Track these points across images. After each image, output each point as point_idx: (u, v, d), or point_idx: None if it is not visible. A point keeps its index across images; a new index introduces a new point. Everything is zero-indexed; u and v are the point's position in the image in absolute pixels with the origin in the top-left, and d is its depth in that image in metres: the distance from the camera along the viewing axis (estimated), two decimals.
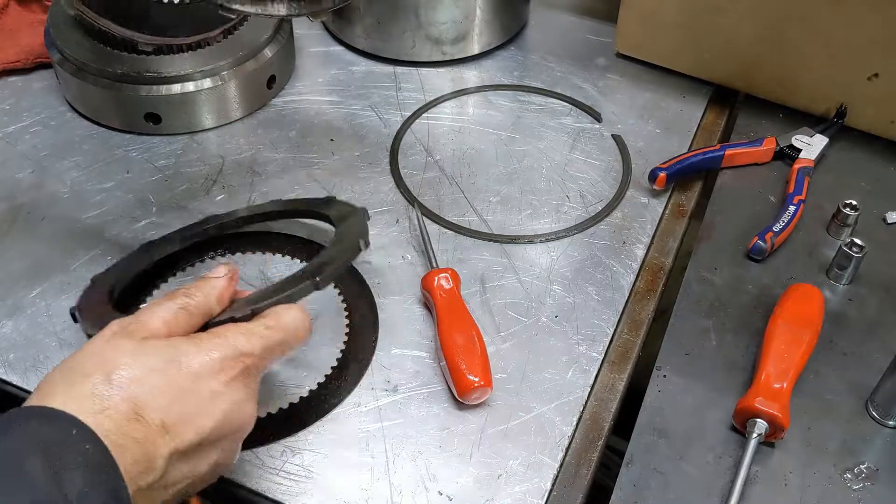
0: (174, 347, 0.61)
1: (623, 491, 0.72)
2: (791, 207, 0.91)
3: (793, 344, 0.77)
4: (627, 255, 0.91)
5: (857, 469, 0.73)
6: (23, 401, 0.58)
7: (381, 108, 1.06)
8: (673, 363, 0.80)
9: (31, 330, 0.82)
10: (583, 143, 1.03)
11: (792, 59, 1.00)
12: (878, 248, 0.89)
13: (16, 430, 0.54)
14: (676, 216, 0.96)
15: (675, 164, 0.96)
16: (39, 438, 0.53)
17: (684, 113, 1.07)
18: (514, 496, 0.72)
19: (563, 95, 1.08)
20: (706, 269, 0.89)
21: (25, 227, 0.91)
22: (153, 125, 1.00)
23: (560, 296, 0.86)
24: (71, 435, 0.54)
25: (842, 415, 0.77)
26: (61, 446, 0.53)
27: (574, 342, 0.82)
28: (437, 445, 0.74)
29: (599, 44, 1.15)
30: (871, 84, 0.97)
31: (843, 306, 0.85)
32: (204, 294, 0.65)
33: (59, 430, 0.54)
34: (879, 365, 0.77)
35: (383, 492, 0.71)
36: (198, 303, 0.64)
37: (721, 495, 0.71)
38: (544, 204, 0.95)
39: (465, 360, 0.76)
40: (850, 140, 1.01)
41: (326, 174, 0.98)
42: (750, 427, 0.73)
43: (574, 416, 0.77)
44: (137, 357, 0.59)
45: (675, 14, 1.04)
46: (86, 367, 0.59)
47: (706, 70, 1.08)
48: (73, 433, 0.54)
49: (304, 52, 1.13)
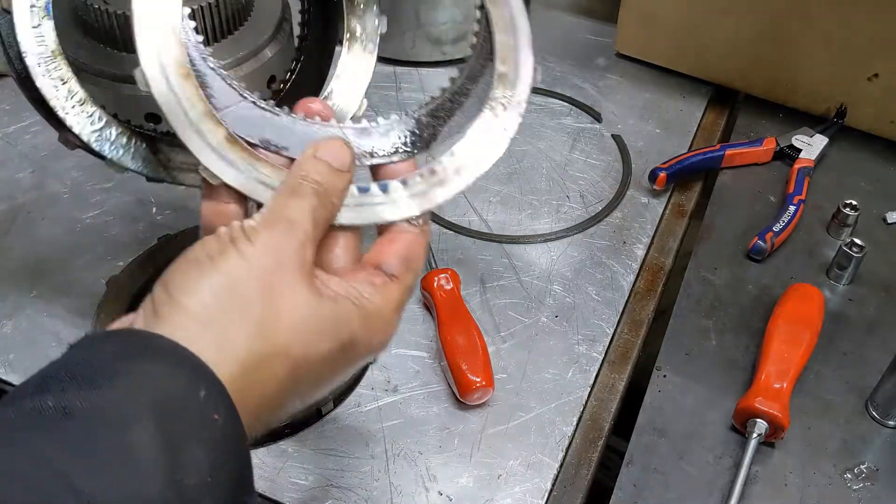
0: (353, 324, 0.48)
1: (623, 491, 0.72)
2: (791, 207, 0.91)
3: (793, 344, 0.77)
4: (627, 255, 0.91)
5: (857, 469, 0.73)
6: None
7: (381, 108, 1.06)
8: (673, 363, 0.80)
9: (31, 330, 0.82)
10: (583, 143, 1.03)
11: (792, 59, 1.00)
12: (878, 248, 0.89)
13: (124, 372, 0.41)
14: (676, 216, 0.96)
15: (675, 164, 0.96)
16: (155, 393, 0.40)
17: (684, 113, 1.07)
18: (514, 496, 0.72)
19: (563, 95, 1.08)
20: (706, 269, 0.89)
21: (25, 227, 0.91)
22: (153, 125, 1.00)
23: (560, 296, 0.86)
24: (198, 396, 0.41)
25: (842, 415, 0.77)
26: (182, 410, 0.40)
27: (574, 342, 0.82)
28: (438, 445, 0.74)
29: (599, 44, 1.15)
30: (871, 84, 0.97)
31: (843, 306, 0.85)
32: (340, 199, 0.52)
33: (183, 385, 0.41)
34: (879, 365, 0.77)
35: (383, 492, 0.71)
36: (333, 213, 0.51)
37: (721, 495, 0.71)
38: (544, 204, 0.95)
39: (467, 360, 0.76)
40: (850, 140, 1.01)
41: None
42: (750, 427, 0.73)
43: (574, 416, 0.77)
44: (315, 329, 0.47)
45: (675, 14, 1.04)
46: (250, 307, 0.45)
47: (706, 70, 1.08)
48: (200, 394, 0.41)
49: None
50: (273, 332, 0.45)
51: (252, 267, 0.46)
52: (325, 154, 0.51)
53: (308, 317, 0.47)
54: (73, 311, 0.82)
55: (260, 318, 0.45)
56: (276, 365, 0.45)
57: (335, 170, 0.51)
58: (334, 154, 0.51)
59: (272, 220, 0.48)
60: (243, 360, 0.44)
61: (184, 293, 0.44)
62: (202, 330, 0.44)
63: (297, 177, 0.50)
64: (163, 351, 0.42)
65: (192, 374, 0.42)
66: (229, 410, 0.42)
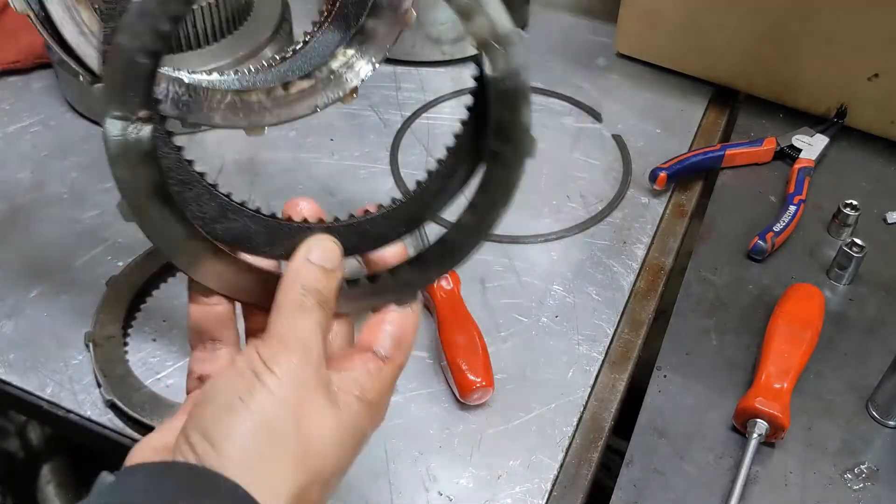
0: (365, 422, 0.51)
1: (623, 491, 0.72)
2: (791, 207, 0.91)
3: (793, 344, 0.77)
4: (627, 255, 0.91)
5: (857, 469, 0.73)
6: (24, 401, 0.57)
7: (381, 108, 1.06)
8: (673, 363, 0.80)
9: (31, 330, 0.82)
10: (583, 143, 1.03)
11: (792, 59, 1.00)
12: (878, 248, 0.88)
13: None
14: (677, 216, 0.96)
15: (675, 164, 0.96)
16: None
17: (684, 113, 1.07)
18: (514, 496, 0.71)
19: (563, 95, 1.08)
20: (706, 269, 0.89)
21: (25, 227, 0.91)
22: None
23: (560, 296, 0.86)
24: None
25: (842, 415, 0.77)
26: None
27: (574, 342, 0.82)
28: (438, 446, 0.74)
29: (599, 44, 1.15)
30: (871, 84, 0.97)
31: (843, 306, 0.85)
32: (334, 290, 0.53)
33: None
34: (879, 365, 0.77)
35: (383, 492, 0.71)
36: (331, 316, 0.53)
37: (721, 495, 0.71)
38: (544, 204, 0.95)
39: (467, 360, 0.76)
40: (850, 140, 1.01)
41: (326, 174, 0.97)
42: (750, 427, 0.73)
43: (574, 416, 0.77)
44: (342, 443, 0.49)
45: (675, 14, 1.04)
46: (288, 441, 0.47)
47: (706, 70, 1.08)
48: None
49: None
50: (310, 462, 0.47)
51: (281, 402, 0.47)
52: (316, 257, 0.52)
53: (334, 436, 0.49)
54: (73, 311, 0.82)
55: (296, 452, 0.47)
56: (315, 490, 0.48)
57: (328, 271, 0.52)
58: (325, 255, 0.53)
59: (288, 345, 0.49)
60: (288, 496, 0.46)
61: (224, 439, 0.46)
62: (248, 472, 0.45)
63: (297, 290, 0.51)
64: (224, 491, 0.44)
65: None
66: None
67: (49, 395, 0.76)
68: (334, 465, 0.49)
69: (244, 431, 0.46)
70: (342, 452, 0.50)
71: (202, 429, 0.46)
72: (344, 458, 0.50)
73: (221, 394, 0.48)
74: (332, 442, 0.49)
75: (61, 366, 0.78)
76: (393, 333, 0.54)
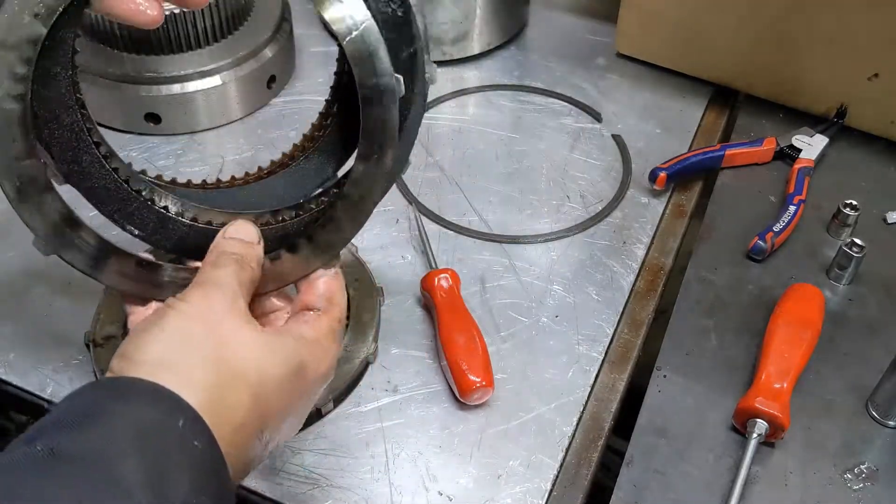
0: (300, 350, 0.54)
1: (623, 491, 0.72)
2: (791, 207, 0.91)
3: (793, 344, 0.77)
4: (627, 255, 0.91)
5: (857, 469, 0.73)
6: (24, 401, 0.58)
7: None
8: (673, 363, 0.80)
9: (31, 330, 0.82)
10: (583, 143, 1.03)
11: (792, 59, 1.00)
12: (878, 248, 0.88)
13: (107, 413, 0.44)
14: (676, 216, 0.96)
15: (675, 164, 0.96)
16: (138, 426, 0.43)
17: (684, 113, 1.07)
18: (514, 496, 0.71)
19: (563, 95, 1.08)
20: (706, 269, 0.89)
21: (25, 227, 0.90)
22: (153, 125, 1.00)
23: (560, 296, 0.86)
24: (177, 426, 0.44)
25: (842, 415, 0.77)
26: (165, 439, 0.44)
27: (574, 342, 0.82)
28: (438, 445, 0.74)
29: (599, 44, 1.15)
30: (871, 84, 0.97)
31: (843, 306, 0.85)
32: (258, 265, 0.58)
33: (163, 416, 0.44)
34: (879, 365, 0.77)
35: (383, 492, 0.71)
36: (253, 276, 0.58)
37: (721, 495, 0.71)
38: (544, 204, 0.95)
39: (467, 360, 0.76)
40: (850, 140, 1.01)
41: None
42: (750, 427, 0.73)
43: (574, 416, 0.77)
44: (266, 358, 0.52)
45: (675, 14, 1.04)
46: (200, 344, 0.50)
47: (706, 70, 1.08)
48: (179, 424, 0.44)
49: (304, 52, 1.13)
50: (226, 360, 0.50)
51: (192, 315, 0.51)
52: (234, 233, 0.59)
53: (256, 347, 0.52)
54: (73, 311, 0.82)
55: (212, 352, 0.49)
56: (238, 390, 0.49)
57: (247, 243, 0.58)
58: (243, 231, 0.59)
59: (200, 285, 0.54)
60: (207, 388, 0.48)
61: (139, 352, 0.49)
62: (165, 372, 0.47)
63: (215, 253, 0.57)
64: (140, 390, 0.46)
65: (170, 407, 0.45)
66: (207, 436, 0.45)
67: (49, 395, 0.76)
68: (260, 373, 0.50)
69: (156, 341, 0.49)
70: (270, 365, 0.51)
71: (120, 353, 0.49)
72: (274, 372, 0.51)
73: (136, 327, 0.52)
74: (254, 352, 0.51)
75: (61, 366, 0.78)
76: (321, 292, 0.59)
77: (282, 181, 0.68)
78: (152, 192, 0.63)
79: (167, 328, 0.50)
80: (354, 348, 0.77)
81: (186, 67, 0.98)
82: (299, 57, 1.11)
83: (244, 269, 0.56)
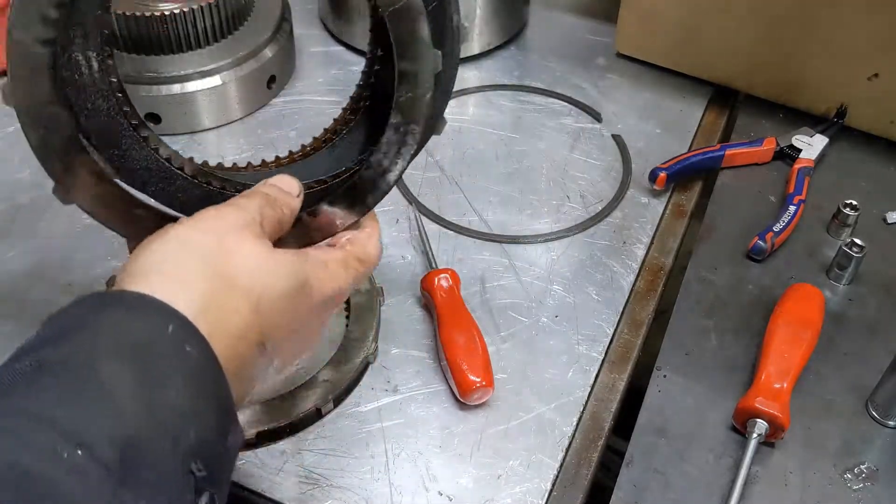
0: (305, 267, 0.53)
1: (623, 491, 0.72)
2: (791, 207, 0.91)
3: (793, 344, 0.77)
4: (627, 255, 0.91)
5: (857, 469, 0.73)
6: None
7: None
8: (673, 363, 0.80)
9: (31, 330, 0.81)
10: (583, 143, 1.03)
11: (792, 59, 1.00)
12: (878, 248, 0.88)
13: (91, 323, 0.42)
14: (676, 216, 0.96)
15: (675, 164, 0.96)
16: (123, 336, 0.42)
17: (684, 113, 1.07)
18: (514, 496, 0.72)
19: (563, 95, 1.08)
20: (706, 269, 0.89)
21: (25, 227, 0.91)
22: (153, 125, 1.00)
23: (560, 296, 0.86)
24: (166, 332, 0.43)
25: (842, 415, 0.77)
26: (153, 344, 0.42)
27: (574, 342, 0.82)
28: (438, 445, 0.74)
29: (599, 44, 1.15)
30: (871, 84, 0.97)
31: (843, 306, 0.85)
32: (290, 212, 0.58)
33: (151, 322, 0.43)
34: (879, 365, 0.77)
35: (383, 492, 0.71)
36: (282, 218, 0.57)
37: (721, 495, 0.71)
38: (544, 204, 0.95)
39: (467, 360, 0.76)
40: (850, 140, 1.01)
41: None
42: (750, 427, 0.73)
43: (574, 416, 0.77)
44: (269, 270, 0.50)
45: (675, 14, 1.04)
46: (198, 252, 0.48)
47: (706, 70, 1.08)
48: (168, 329, 0.43)
49: (304, 52, 1.13)
50: (228, 270, 0.47)
51: (197, 227, 0.50)
52: (275, 181, 0.58)
53: (261, 260, 0.50)
54: None
55: (214, 261, 0.47)
56: (236, 299, 0.47)
57: (284, 191, 0.58)
58: (283, 181, 0.58)
59: (220, 207, 0.53)
60: (203, 294, 0.45)
61: (134, 263, 0.47)
62: (161, 281, 0.45)
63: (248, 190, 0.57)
64: (127, 300, 0.44)
65: (158, 314, 0.43)
66: (199, 341, 0.43)
67: None
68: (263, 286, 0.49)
69: (152, 251, 0.48)
70: (274, 279, 0.50)
71: (120, 268, 0.48)
72: (278, 286, 0.50)
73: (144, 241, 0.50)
74: (259, 266, 0.49)
75: None
76: (345, 234, 0.60)
77: (325, 157, 0.69)
78: (195, 172, 0.64)
79: (168, 237, 0.49)
80: (354, 349, 0.77)
81: (186, 67, 0.98)
82: (299, 57, 1.11)
83: (271, 207, 0.55)
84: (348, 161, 0.66)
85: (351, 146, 0.68)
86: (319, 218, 0.62)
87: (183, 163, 0.63)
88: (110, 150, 0.60)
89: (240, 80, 1.01)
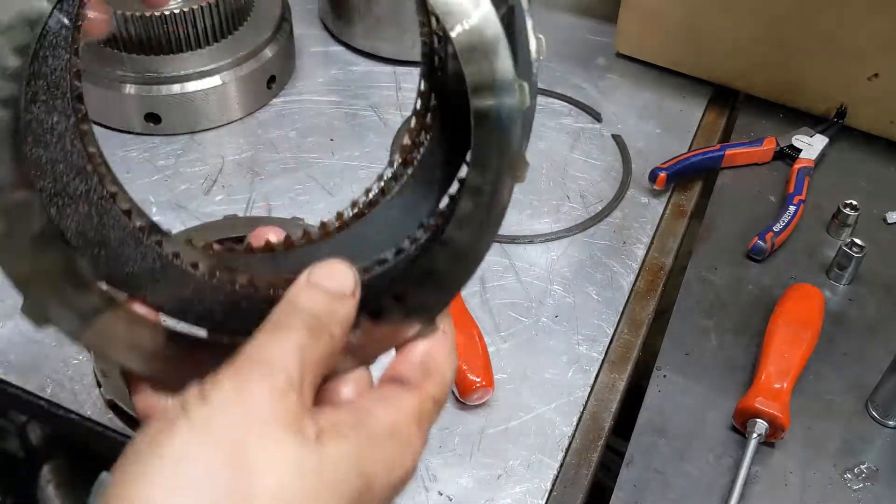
0: (362, 456, 0.38)
1: (623, 491, 0.72)
2: (791, 207, 0.91)
3: (793, 344, 0.77)
4: (627, 255, 0.91)
5: (857, 469, 0.73)
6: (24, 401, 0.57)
7: (381, 108, 1.06)
8: (673, 363, 0.80)
9: (31, 330, 0.82)
10: (583, 143, 1.03)
11: (792, 59, 1.00)
12: (878, 248, 0.89)
13: None
14: (676, 216, 0.96)
15: (675, 164, 0.96)
16: None
17: (684, 113, 1.07)
18: (514, 496, 0.71)
19: (563, 95, 1.08)
20: (706, 269, 0.89)
21: None
22: (153, 125, 1.00)
23: (560, 296, 0.86)
24: None
25: (842, 415, 0.77)
26: None
27: (574, 342, 0.82)
28: (438, 445, 0.74)
29: (599, 44, 1.15)
30: (871, 84, 0.97)
31: (843, 306, 0.85)
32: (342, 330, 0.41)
33: None
34: (879, 365, 0.77)
35: None
36: (333, 349, 0.41)
37: (721, 495, 0.71)
38: (544, 204, 0.95)
39: (467, 360, 0.76)
40: (850, 140, 1.01)
41: (326, 174, 0.97)
42: (750, 427, 0.73)
43: (574, 416, 0.77)
44: (309, 488, 0.36)
45: (675, 14, 1.04)
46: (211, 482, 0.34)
47: (706, 70, 1.08)
48: None
49: (304, 52, 1.13)
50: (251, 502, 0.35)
51: (208, 430, 0.35)
52: (320, 277, 0.41)
53: (294, 475, 0.36)
54: None
55: (228, 490, 0.34)
56: None
57: (334, 295, 0.41)
58: (334, 275, 0.41)
59: (241, 367, 0.37)
60: None
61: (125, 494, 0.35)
62: None
63: (283, 311, 0.40)
64: None
65: None
66: None
67: (49, 395, 0.76)
68: None
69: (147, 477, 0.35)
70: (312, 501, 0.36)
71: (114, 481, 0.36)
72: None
73: (136, 443, 0.36)
74: (290, 486, 0.35)
75: (61, 366, 0.78)
76: (417, 359, 0.44)
77: (372, 226, 0.50)
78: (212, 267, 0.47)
79: (167, 455, 0.35)
80: None
81: (186, 67, 0.98)
82: (299, 57, 1.11)
83: (318, 340, 0.39)
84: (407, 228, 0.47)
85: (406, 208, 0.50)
86: (383, 324, 0.44)
87: (196, 258, 0.46)
88: (93, 249, 0.44)
89: (240, 80, 1.01)
